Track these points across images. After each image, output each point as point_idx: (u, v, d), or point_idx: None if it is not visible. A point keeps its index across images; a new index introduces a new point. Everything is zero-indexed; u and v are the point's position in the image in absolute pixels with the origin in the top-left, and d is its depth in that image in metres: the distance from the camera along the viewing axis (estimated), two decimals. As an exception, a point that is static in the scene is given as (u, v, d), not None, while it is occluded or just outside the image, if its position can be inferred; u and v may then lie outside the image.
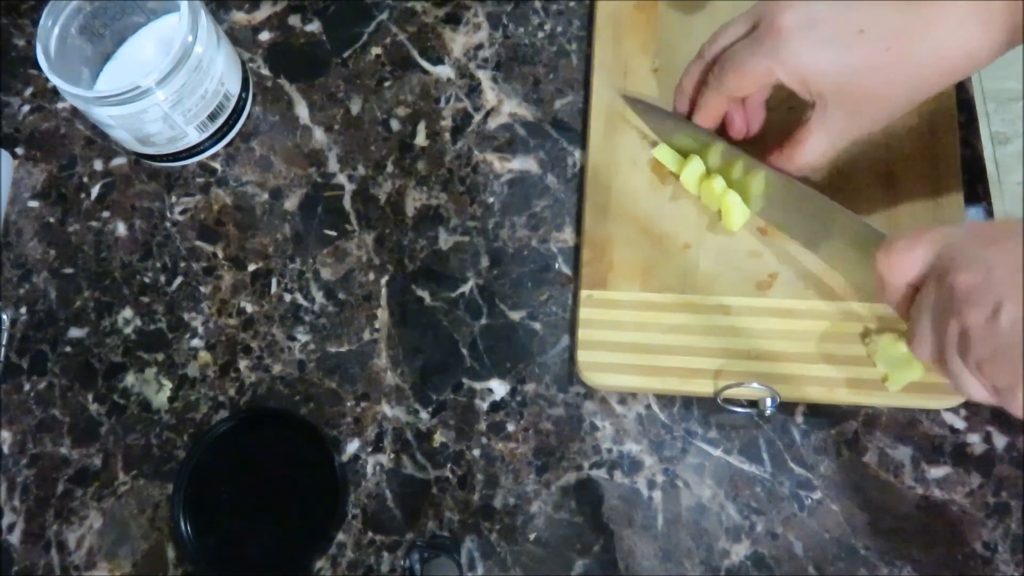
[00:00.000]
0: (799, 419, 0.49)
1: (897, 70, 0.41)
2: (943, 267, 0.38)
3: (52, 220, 0.59)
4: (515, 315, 0.54)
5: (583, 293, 0.52)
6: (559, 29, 0.60)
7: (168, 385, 0.54)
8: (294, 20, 0.63)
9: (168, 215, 0.58)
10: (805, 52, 0.42)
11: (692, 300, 0.51)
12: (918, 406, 0.48)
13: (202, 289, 0.56)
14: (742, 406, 0.49)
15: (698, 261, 0.52)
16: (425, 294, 0.55)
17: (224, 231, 0.58)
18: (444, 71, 0.60)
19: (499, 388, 0.52)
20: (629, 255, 0.52)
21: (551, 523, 0.49)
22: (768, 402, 0.47)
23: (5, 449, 0.54)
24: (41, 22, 0.53)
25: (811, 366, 0.48)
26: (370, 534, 0.50)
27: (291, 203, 0.58)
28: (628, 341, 0.50)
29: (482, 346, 0.53)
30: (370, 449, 0.52)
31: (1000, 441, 0.48)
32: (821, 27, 0.41)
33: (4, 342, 0.56)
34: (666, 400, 0.51)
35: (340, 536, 0.50)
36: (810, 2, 0.42)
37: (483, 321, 0.54)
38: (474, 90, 0.59)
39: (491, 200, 0.56)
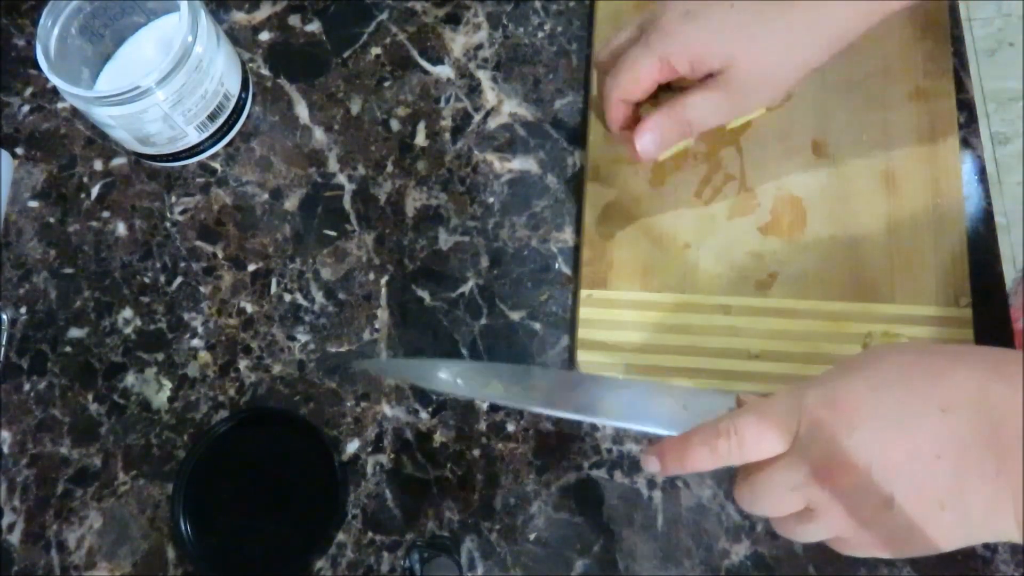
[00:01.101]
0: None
1: (771, 41, 0.44)
2: (812, 459, 0.36)
3: (52, 220, 0.59)
4: (515, 315, 0.54)
5: (583, 293, 0.52)
6: (559, 29, 0.60)
7: (168, 385, 0.54)
8: (294, 20, 0.63)
9: (168, 215, 0.58)
10: (690, 37, 0.45)
11: (692, 300, 0.51)
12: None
13: (202, 289, 0.56)
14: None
15: (698, 261, 0.52)
16: (425, 294, 0.55)
17: (224, 231, 0.58)
18: (444, 71, 0.60)
19: (499, 388, 0.52)
20: (629, 255, 0.52)
21: (551, 523, 0.49)
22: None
23: (5, 449, 0.54)
24: (41, 22, 0.53)
25: (811, 366, 0.48)
26: (370, 534, 0.50)
27: (291, 203, 0.58)
28: (628, 341, 0.50)
29: (482, 346, 0.53)
30: (370, 449, 0.52)
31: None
32: (698, 14, 0.45)
33: (4, 342, 0.56)
34: (666, 400, 0.51)
35: (340, 536, 0.50)
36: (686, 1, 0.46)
37: (483, 321, 0.54)
38: (474, 90, 0.59)
39: (491, 200, 0.56)
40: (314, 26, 0.62)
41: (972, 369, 0.35)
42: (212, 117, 0.57)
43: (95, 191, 0.60)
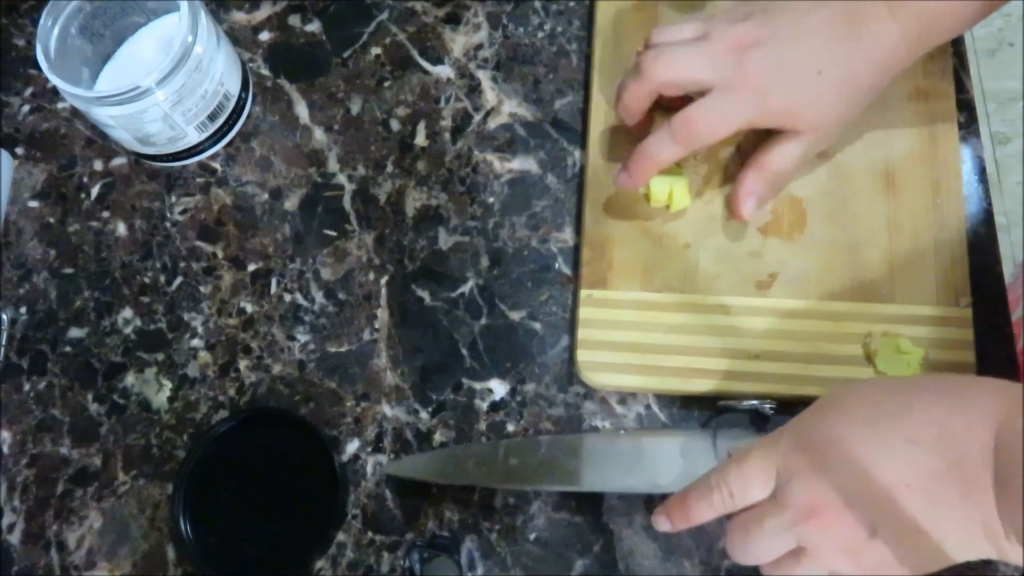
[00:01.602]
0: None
1: (850, 92, 0.47)
2: (794, 501, 0.38)
3: (52, 220, 0.59)
4: (515, 315, 0.54)
5: (583, 292, 0.52)
6: (559, 29, 0.60)
7: (168, 385, 0.54)
8: (294, 20, 0.63)
9: (168, 215, 0.58)
10: (784, 97, 0.47)
11: (692, 300, 0.51)
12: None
13: (202, 289, 0.56)
14: (741, 406, 0.49)
15: (698, 261, 0.52)
16: (425, 294, 0.55)
17: (224, 231, 0.58)
18: (444, 71, 0.60)
19: (499, 388, 0.52)
20: (629, 254, 0.52)
21: (551, 523, 0.49)
22: (767, 403, 0.47)
23: (5, 449, 0.54)
24: (41, 22, 0.53)
25: (811, 366, 0.48)
26: (370, 534, 0.50)
27: (291, 203, 0.58)
28: (628, 341, 0.50)
29: (482, 346, 0.53)
30: (370, 449, 0.52)
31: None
32: (788, 72, 0.46)
33: (4, 342, 0.56)
34: (666, 400, 0.51)
35: (340, 536, 0.50)
36: (771, 50, 0.46)
37: (483, 321, 0.54)
38: (474, 90, 0.59)
39: (491, 200, 0.56)
40: (314, 26, 0.62)
41: (932, 404, 0.37)
42: (212, 117, 0.57)
43: (95, 191, 0.60)
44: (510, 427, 0.51)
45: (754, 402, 0.47)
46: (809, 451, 0.38)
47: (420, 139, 0.58)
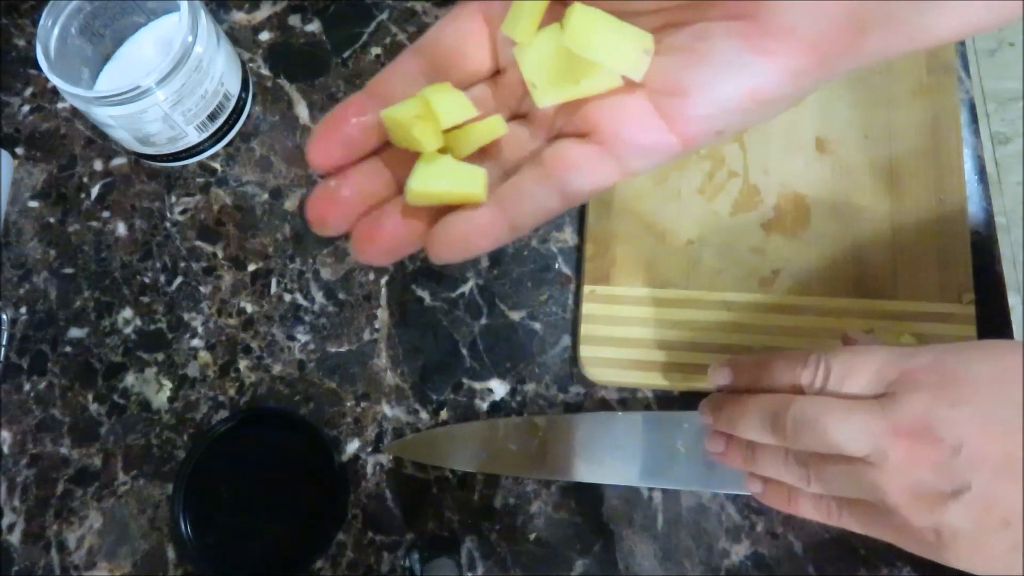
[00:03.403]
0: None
1: None
2: (899, 416, 0.34)
3: (52, 220, 0.59)
4: (515, 315, 0.54)
5: (586, 288, 0.52)
6: (559, 28, 0.60)
7: (168, 385, 0.54)
8: (294, 20, 0.63)
9: (168, 215, 0.58)
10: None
11: (695, 296, 0.51)
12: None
13: (202, 289, 0.56)
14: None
15: (701, 257, 0.52)
16: (425, 294, 0.55)
17: (224, 231, 0.58)
18: (444, 70, 0.60)
19: (499, 388, 0.52)
20: (632, 251, 0.52)
21: (551, 523, 0.49)
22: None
23: (5, 449, 0.54)
24: (41, 22, 0.53)
25: (812, 365, 0.48)
26: (370, 534, 0.50)
27: (291, 203, 0.58)
28: (631, 337, 0.50)
29: (482, 346, 0.53)
30: (370, 449, 0.52)
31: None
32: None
33: (4, 342, 0.56)
34: (666, 400, 0.51)
35: (340, 536, 0.50)
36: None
37: (483, 321, 0.54)
38: (474, 89, 0.59)
39: (491, 199, 0.56)
40: (314, 26, 0.62)
41: None
42: (212, 117, 0.57)
43: (95, 191, 0.60)
44: (511, 426, 0.51)
45: None
46: (948, 381, 0.34)
47: (420, 138, 0.58)
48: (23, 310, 0.57)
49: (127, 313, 0.56)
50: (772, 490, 0.42)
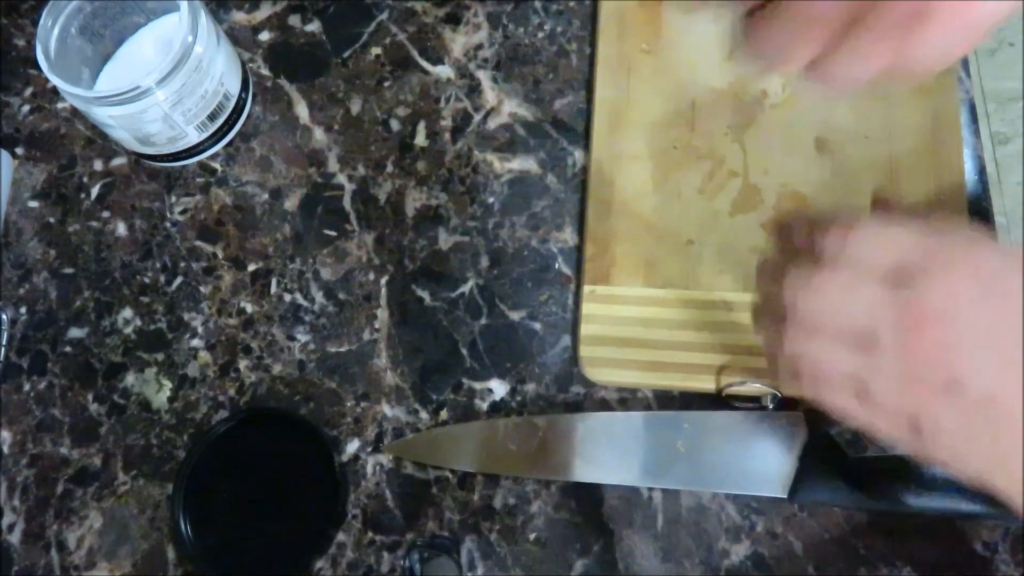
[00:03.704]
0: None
1: None
2: (917, 292, 0.32)
3: (52, 220, 0.59)
4: (515, 315, 0.54)
5: (586, 288, 0.52)
6: (559, 29, 0.60)
7: (168, 385, 0.54)
8: (294, 20, 0.63)
9: (168, 215, 0.58)
10: None
11: (695, 296, 0.51)
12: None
13: (202, 289, 0.56)
14: (744, 403, 0.49)
15: (701, 257, 0.52)
16: (425, 294, 0.55)
17: (224, 231, 0.58)
18: (444, 71, 0.60)
19: (499, 388, 0.52)
20: (632, 251, 0.52)
21: (551, 523, 0.49)
22: (770, 399, 0.47)
23: (5, 449, 0.54)
24: (41, 22, 0.53)
25: (812, 365, 0.48)
26: (370, 534, 0.50)
27: (291, 203, 0.58)
28: (631, 336, 0.50)
29: (482, 346, 0.53)
30: (370, 449, 0.52)
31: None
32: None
33: (4, 342, 0.56)
34: (666, 400, 0.51)
35: (340, 536, 0.50)
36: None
37: (483, 321, 0.54)
38: (474, 90, 0.59)
39: (491, 200, 0.56)
40: (314, 26, 0.62)
41: None
42: (212, 117, 0.57)
43: (95, 191, 0.60)
44: (510, 427, 0.51)
45: (755, 384, 0.47)
46: (982, 272, 0.31)
47: (420, 139, 0.58)
48: (23, 310, 0.57)
49: (127, 313, 0.56)
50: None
